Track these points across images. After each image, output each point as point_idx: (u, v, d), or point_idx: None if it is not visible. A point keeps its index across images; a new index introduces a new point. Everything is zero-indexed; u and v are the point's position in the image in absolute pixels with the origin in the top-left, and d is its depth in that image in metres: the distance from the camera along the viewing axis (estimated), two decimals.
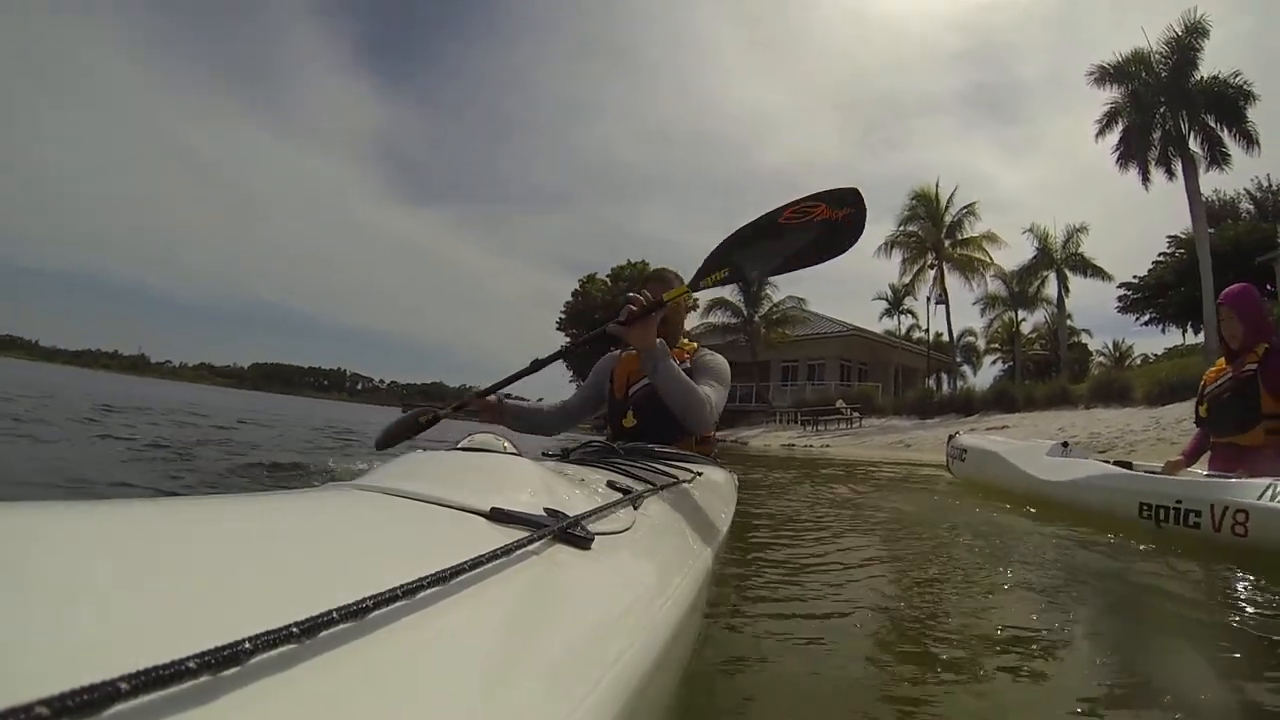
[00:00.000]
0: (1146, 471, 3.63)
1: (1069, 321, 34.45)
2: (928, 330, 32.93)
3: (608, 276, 38.70)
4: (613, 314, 2.17)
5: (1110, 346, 49.07)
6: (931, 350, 32.09)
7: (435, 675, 0.40)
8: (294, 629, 0.34)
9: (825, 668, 1.36)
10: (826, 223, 1.96)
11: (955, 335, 33.52)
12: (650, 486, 1.34)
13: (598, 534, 0.75)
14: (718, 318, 33.34)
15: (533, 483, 0.83)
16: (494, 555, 0.54)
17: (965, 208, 28.91)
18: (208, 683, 0.30)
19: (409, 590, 0.43)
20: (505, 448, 0.96)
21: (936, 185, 29.40)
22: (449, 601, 0.47)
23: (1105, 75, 21.38)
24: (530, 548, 0.61)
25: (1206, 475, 3.29)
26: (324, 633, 0.36)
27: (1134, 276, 31.31)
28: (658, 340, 2.06)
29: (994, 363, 43.93)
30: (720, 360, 2.61)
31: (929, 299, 29.96)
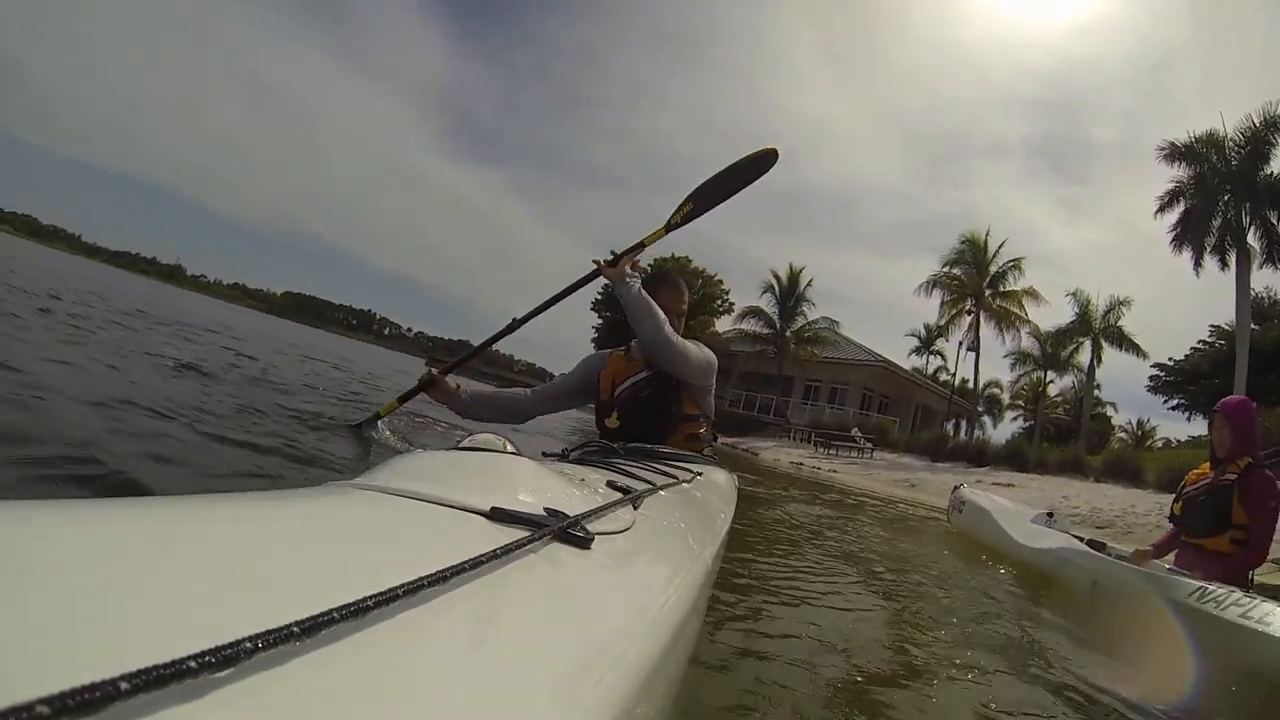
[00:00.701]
0: (1116, 556, 3.89)
1: (1096, 391, 34.10)
2: (954, 374, 32.99)
3: (649, 265, 38.07)
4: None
5: (1134, 424, 48.69)
6: (955, 395, 32.10)
7: (435, 674, 0.40)
8: (294, 628, 0.34)
9: (823, 667, 1.42)
10: (755, 160, 2.88)
11: (981, 385, 33.47)
12: (650, 486, 1.35)
13: (598, 533, 0.76)
14: (750, 325, 33.52)
15: (533, 482, 0.84)
16: (494, 555, 0.54)
17: (1011, 261, 28.91)
18: (208, 681, 0.30)
19: (409, 590, 0.43)
20: (506, 447, 0.97)
21: (986, 234, 29.45)
22: (449, 601, 0.47)
23: (1175, 153, 21.04)
24: (530, 547, 0.61)
25: (1169, 570, 3.50)
26: (324, 632, 0.36)
27: (1169, 359, 31.06)
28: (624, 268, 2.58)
29: (1014, 418, 43.90)
30: (705, 348, 2.67)
31: (961, 344, 30.08)
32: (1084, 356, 29.97)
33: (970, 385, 32.18)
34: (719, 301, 37.36)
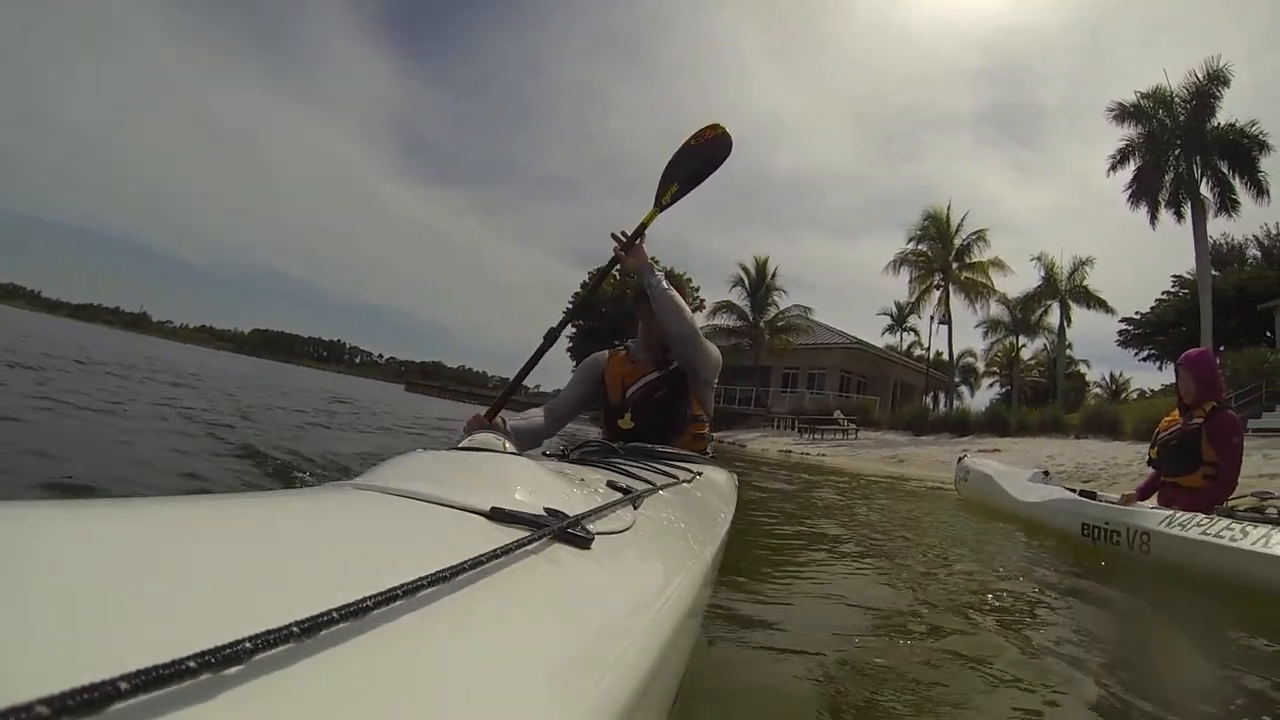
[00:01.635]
0: (1106, 503, 4.37)
1: (1068, 351, 34.86)
2: (928, 349, 33.26)
3: (617, 270, 37.86)
4: (593, 287, 2.91)
5: (1107, 379, 49.48)
6: (931, 369, 32.44)
7: (435, 675, 0.40)
8: (294, 628, 0.34)
9: (824, 665, 1.40)
10: (713, 141, 2.75)
11: (955, 356, 33.86)
12: (650, 486, 1.36)
13: (598, 533, 0.76)
14: (724, 320, 33.63)
15: (533, 482, 0.84)
16: (494, 555, 0.54)
17: (975, 233, 29.30)
18: (208, 682, 0.30)
19: (409, 590, 0.43)
20: (505, 447, 0.97)
21: (948, 208, 29.80)
22: (449, 601, 0.47)
23: (1124, 113, 21.58)
24: (530, 547, 0.61)
25: (1153, 508, 3.93)
26: (324, 632, 0.36)
27: (1136, 312, 31.79)
28: (644, 258, 2.54)
29: (991, 385, 44.28)
30: (714, 345, 2.71)
31: (933, 318, 30.42)
32: (1053, 318, 30.95)
33: (945, 358, 32.62)
34: (689, 300, 36.97)
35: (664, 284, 2.50)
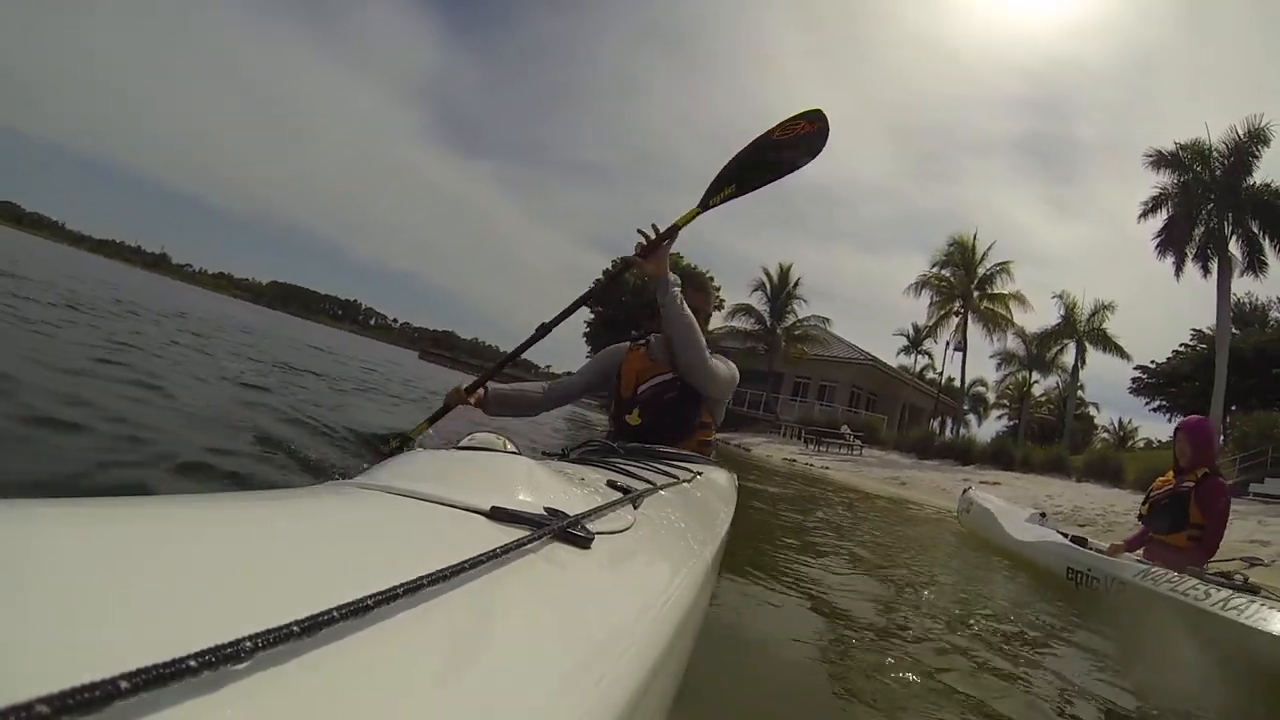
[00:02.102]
0: (1096, 551, 4.66)
1: (1080, 392, 34.63)
2: (940, 373, 33.33)
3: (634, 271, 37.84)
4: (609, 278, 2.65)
5: (1116, 424, 49.33)
6: (941, 394, 32.42)
7: (435, 674, 0.40)
8: (294, 627, 0.34)
9: (824, 665, 1.45)
10: (805, 136, 2.48)
11: (967, 383, 33.93)
12: (650, 486, 1.35)
13: (598, 533, 0.76)
14: (741, 323, 33.80)
15: (533, 482, 0.84)
16: (494, 554, 0.54)
17: (999, 265, 29.32)
18: (208, 680, 0.30)
19: (409, 589, 0.43)
20: (506, 446, 0.97)
21: (974, 236, 29.82)
22: (449, 600, 0.47)
23: (1161, 160, 21.35)
24: (530, 547, 0.61)
25: (1136, 560, 4.21)
26: (325, 631, 0.36)
27: (1151, 361, 31.46)
28: (671, 275, 2.33)
29: (999, 417, 44.14)
30: (730, 363, 2.68)
31: (948, 344, 30.48)
32: (1068, 358, 30.51)
33: (957, 384, 32.92)
34: (709, 300, 36.77)
35: (679, 303, 2.39)
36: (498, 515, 0.68)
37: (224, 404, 3.07)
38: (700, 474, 1.98)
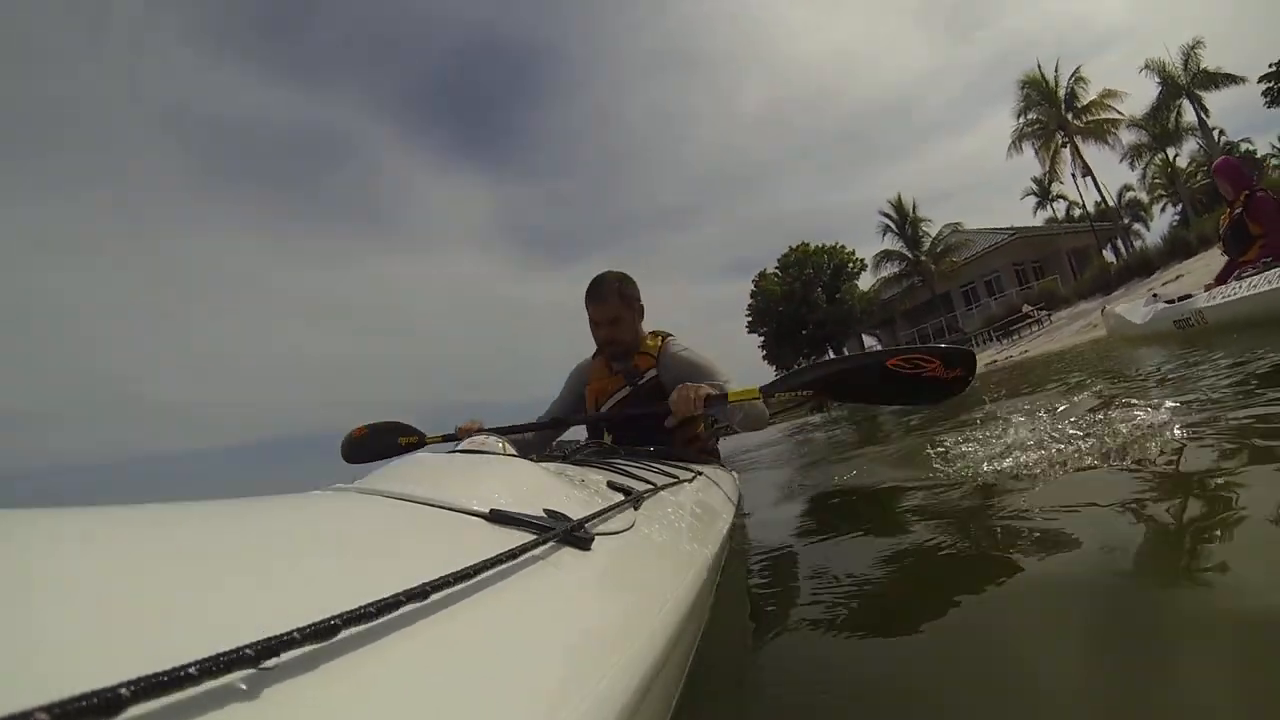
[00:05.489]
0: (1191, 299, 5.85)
1: (1222, 138, 32.85)
2: (1084, 206, 32.11)
3: (776, 269, 39.06)
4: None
5: (1277, 147, 44.67)
6: (1095, 223, 31.29)
7: (439, 678, 0.40)
8: (297, 634, 0.34)
9: (829, 667, 1.28)
10: (935, 380, 1.94)
11: (1117, 196, 32.37)
12: (651, 487, 1.35)
13: (598, 535, 0.75)
14: (888, 270, 34.25)
15: (533, 484, 0.84)
16: (496, 559, 0.54)
17: (1074, 77, 27.98)
18: (211, 689, 0.29)
19: (413, 595, 0.43)
20: (505, 449, 0.97)
21: (1039, 67, 28.55)
22: (452, 605, 0.47)
23: None
24: (531, 550, 0.61)
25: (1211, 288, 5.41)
26: (330, 638, 0.36)
27: (1271, 65, 29.26)
28: (702, 395, 2.06)
29: (1163, 209, 40.56)
30: (702, 355, 2.55)
31: (1073, 175, 29.38)
32: (1190, 116, 28.99)
33: (1104, 206, 31.51)
34: (851, 265, 37.51)
35: (730, 409, 2.14)
36: (498, 518, 0.68)
37: None
38: (701, 474, 1.97)
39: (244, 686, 0.31)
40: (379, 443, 2.75)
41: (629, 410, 2.50)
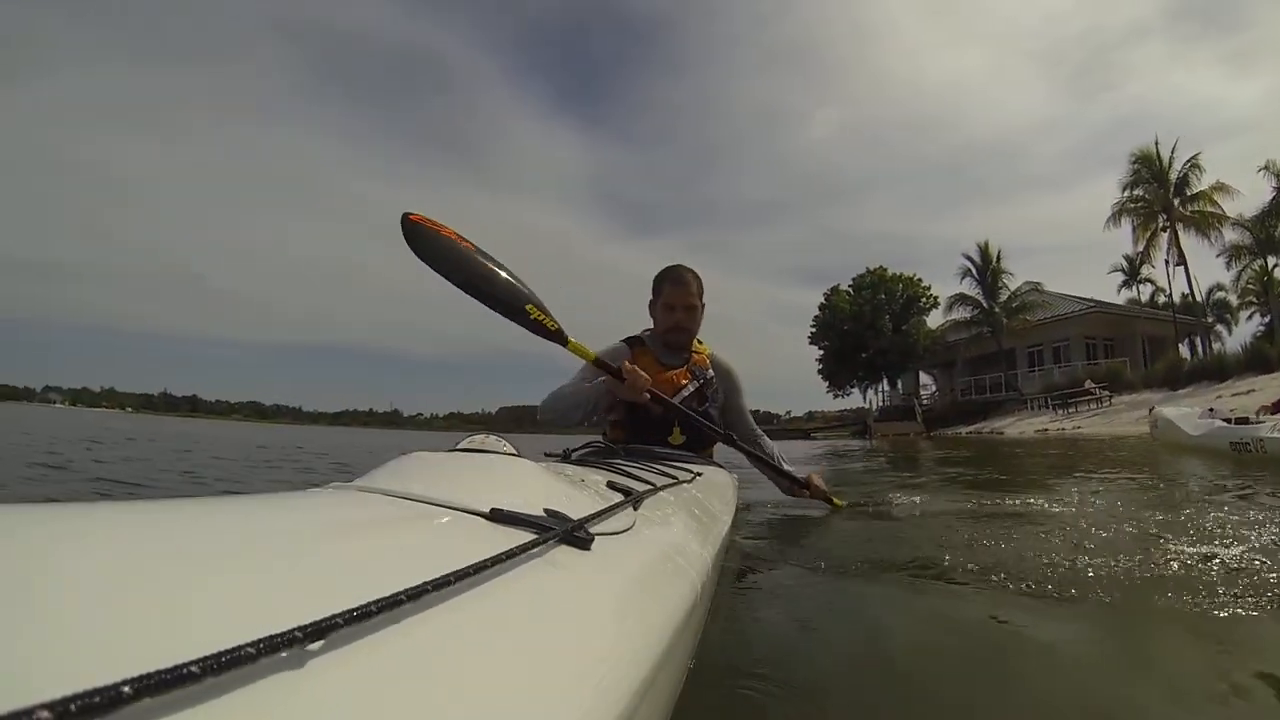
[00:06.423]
0: (1254, 423, 6.57)
1: None
2: (1169, 295, 31.07)
3: (849, 288, 38.93)
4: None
5: None
6: (1178, 315, 30.65)
7: (439, 676, 0.40)
8: (298, 633, 0.34)
9: (829, 668, 1.32)
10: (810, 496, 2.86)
11: (1205, 293, 31.10)
12: (651, 487, 1.36)
13: (598, 535, 0.75)
14: (960, 313, 33.95)
15: (533, 483, 0.84)
16: (496, 558, 0.54)
17: (1190, 162, 27.25)
18: (211, 686, 0.29)
19: (413, 594, 0.43)
20: (505, 448, 0.97)
21: (1156, 144, 27.98)
22: (451, 604, 0.47)
23: None
24: (531, 549, 0.61)
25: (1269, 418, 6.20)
26: (329, 636, 0.36)
27: None
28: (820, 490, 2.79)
29: (1249, 317, 38.69)
30: (734, 370, 2.70)
31: (1167, 262, 28.71)
32: None
33: (1191, 299, 30.70)
34: (924, 300, 37.68)
35: (789, 483, 2.82)
36: (498, 517, 0.68)
37: None
38: (700, 474, 1.98)
39: (244, 684, 0.31)
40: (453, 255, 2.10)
41: (753, 452, 2.77)
